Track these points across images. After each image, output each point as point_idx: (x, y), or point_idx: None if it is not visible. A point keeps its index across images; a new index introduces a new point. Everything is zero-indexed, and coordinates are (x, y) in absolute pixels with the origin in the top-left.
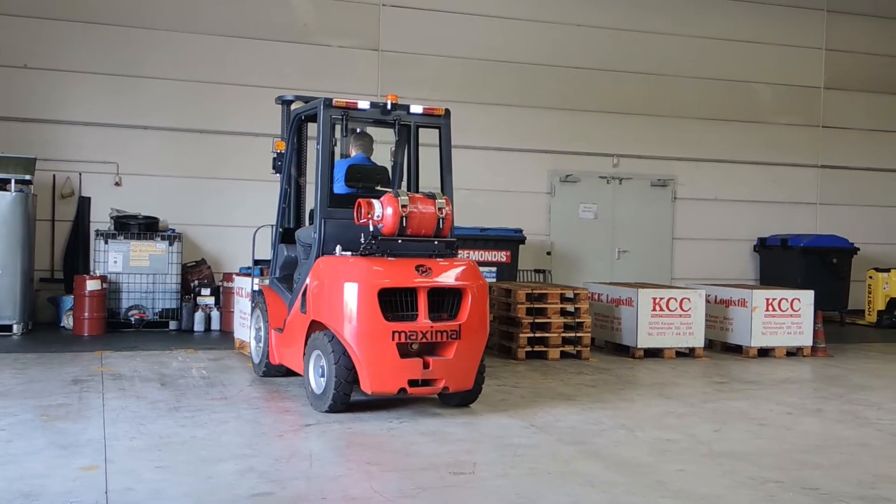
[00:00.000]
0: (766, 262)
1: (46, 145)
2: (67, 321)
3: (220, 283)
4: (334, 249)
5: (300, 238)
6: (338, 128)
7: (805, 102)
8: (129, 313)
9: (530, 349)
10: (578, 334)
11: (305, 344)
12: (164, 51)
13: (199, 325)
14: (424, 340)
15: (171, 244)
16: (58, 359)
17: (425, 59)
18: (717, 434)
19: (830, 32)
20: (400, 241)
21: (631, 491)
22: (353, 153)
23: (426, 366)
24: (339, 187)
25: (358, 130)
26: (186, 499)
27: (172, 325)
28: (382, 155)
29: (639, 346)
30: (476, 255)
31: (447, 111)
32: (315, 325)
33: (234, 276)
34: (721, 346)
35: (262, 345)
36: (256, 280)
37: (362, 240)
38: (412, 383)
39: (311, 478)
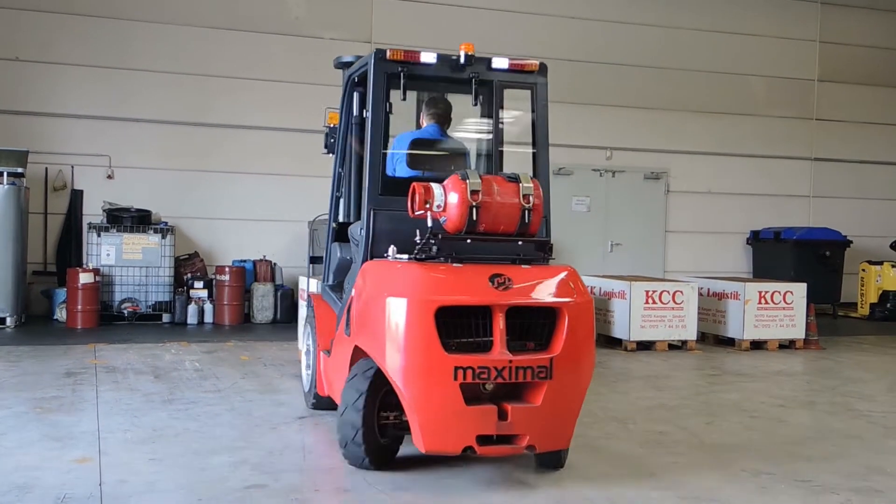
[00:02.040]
0: (759, 255)
1: (38, 138)
2: (60, 314)
3: (213, 276)
4: (386, 251)
5: (352, 235)
6: (399, 92)
7: (799, 95)
8: (122, 306)
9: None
10: None
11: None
12: (155, 43)
13: (192, 318)
14: (501, 381)
15: (163, 237)
16: (51, 351)
17: None
18: (709, 426)
19: (824, 25)
20: (469, 241)
21: (623, 483)
22: (425, 124)
23: (503, 415)
24: (401, 169)
25: (430, 95)
26: (180, 491)
27: (165, 317)
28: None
29: (631, 339)
30: None
31: (542, 66)
32: (358, 353)
33: (226, 268)
34: (714, 339)
35: (310, 371)
36: (313, 282)
37: (417, 238)
38: (483, 440)
39: (304, 470)
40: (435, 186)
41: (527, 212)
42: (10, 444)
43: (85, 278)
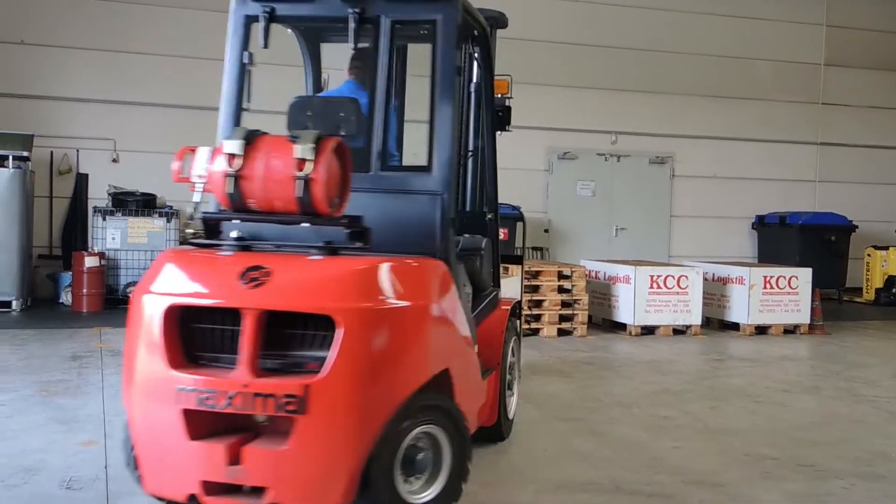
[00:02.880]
0: (765, 240)
1: (44, 122)
2: (66, 297)
3: None
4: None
5: None
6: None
7: (805, 79)
8: (128, 290)
9: (526, 327)
10: (575, 311)
11: None
12: (161, 26)
13: None
14: (231, 410)
15: (168, 221)
16: (57, 335)
17: None
18: (713, 411)
19: (831, 8)
20: (237, 221)
21: (626, 467)
22: (345, 80)
23: (235, 460)
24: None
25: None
26: None
27: None
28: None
29: (636, 324)
30: None
31: None
32: None
33: None
34: (718, 324)
35: None
36: None
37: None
38: (212, 489)
39: None
40: (202, 150)
41: (302, 183)
42: (17, 426)
43: (90, 262)
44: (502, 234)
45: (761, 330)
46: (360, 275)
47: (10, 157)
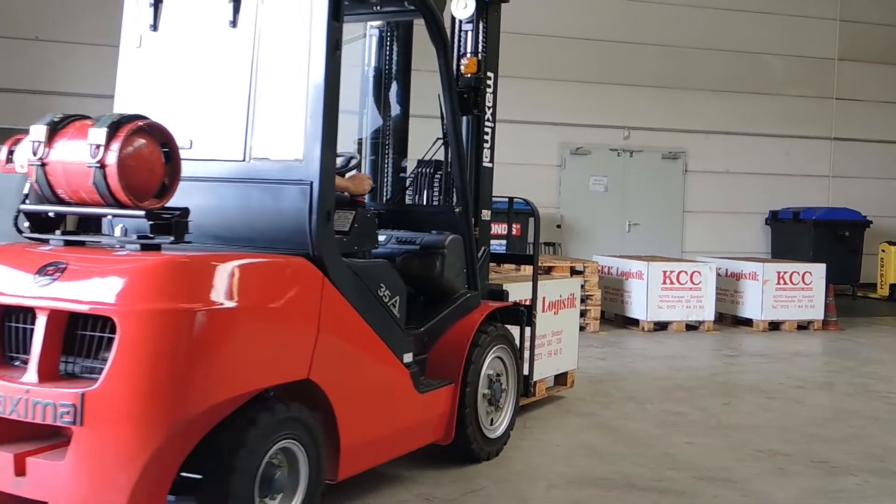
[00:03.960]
0: (778, 236)
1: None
2: None
3: None
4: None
5: None
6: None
7: (818, 74)
8: None
9: None
10: (588, 307)
11: None
12: None
13: None
14: (15, 417)
15: None
16: None
17: None
18: (726, 407)
19: (844, 3)
20: (52, 215)
21: (638, 463)
22: None
23: (20, 470)
24: None
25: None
26: None
27: None
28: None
29: (648, 319)
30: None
31: None
32: None
33: None
34: (731, 320)
35: None
36: None
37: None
38: (3, 500)
39: None
40: (24, 140)
41: (94, 171)
42: None
43: None
44: (515, 229)
45: (775, 326)
46: (144, 272)
47: None
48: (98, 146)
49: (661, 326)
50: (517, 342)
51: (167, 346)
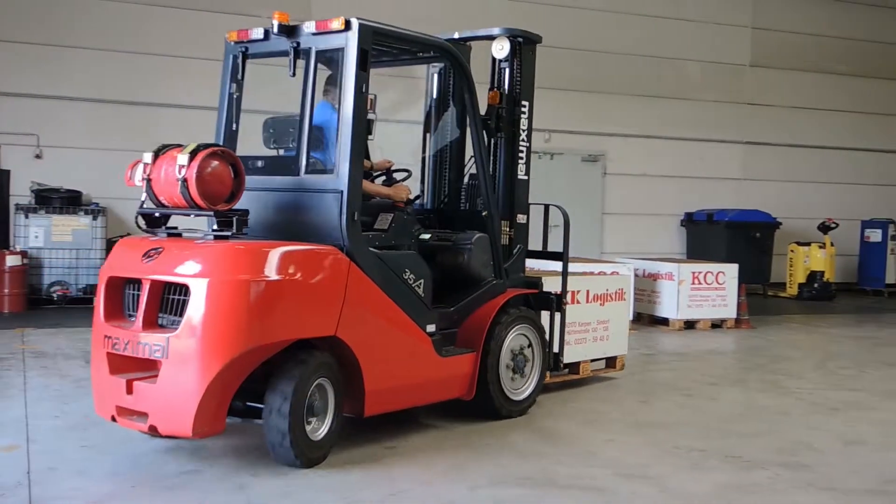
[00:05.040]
0: (693, 237)
1: None
2: None
3: None
4: None
5: None
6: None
7: (731, 79)
8: (52, 289)
9: None
10: None
11: None
12: (89, 20)
13: None
14: (128, 354)
15: (94, 218)
16: None
17: None
18: (643, 404)
19: (757, 10)
20: (157, 215)
21: (560, 461)
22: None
23: (129, 390)
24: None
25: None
26: (113, 478)
27: None
28: None
29: None
30: None
31: (348, 22)
32: None
33: None
34: (649, 319)
35: None
36: None
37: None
38: (121, 413)
39: (241, 454)
40: (145, 158)
41: (180, 183)
42: None
43: (12, 261)
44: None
45: (690, 325)
46: (210, 254)
47: None
48: (182, 166)
49: None
50: (545, 325)
51: (222, 305)
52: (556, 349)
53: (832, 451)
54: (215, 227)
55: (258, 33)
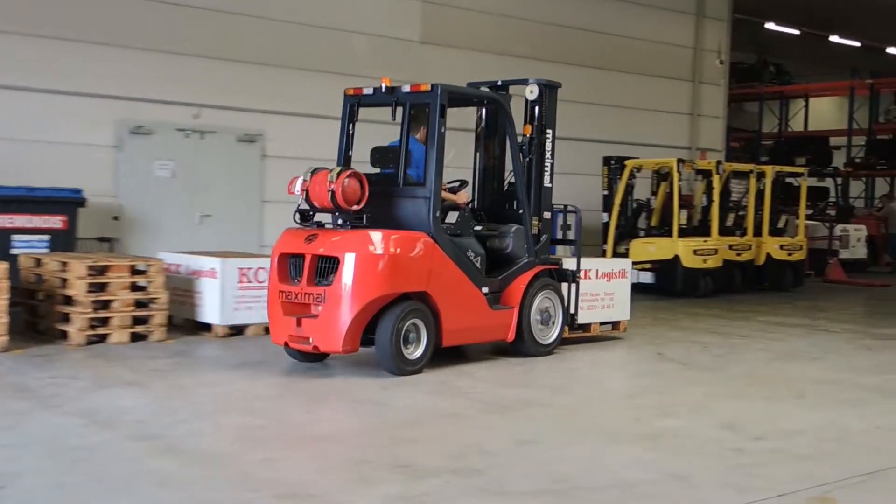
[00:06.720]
0: None
1: None
2: None
3: None
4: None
5: None
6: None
7: (402, 56)
8: None
9: (92, 333)
10: (151, 312)
11: None
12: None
13: None
14: (298, 301)
15: None
16: None
17: None
18: (309, 416)
19: None
20: (311, 213)
21: (212, 487)
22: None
23: (299, 324)
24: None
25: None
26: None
27: None
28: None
29: (223, 324)
30: (23, 219)
31: (434, 87)
32: None
33: None
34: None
35: None
36: None
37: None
38: (292, 340)
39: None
40: (299, 178)
41: (330, 192)
42: None
43: None
44: (60, 221)
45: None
46: (349, 237)
47: None
48: (330, 182)
49: (238, 331)
50: (564, 292)
51: (362, 269)
52: (572, 310)
53: (504, 453)
54: (346, 221)
55: (369, 90)
